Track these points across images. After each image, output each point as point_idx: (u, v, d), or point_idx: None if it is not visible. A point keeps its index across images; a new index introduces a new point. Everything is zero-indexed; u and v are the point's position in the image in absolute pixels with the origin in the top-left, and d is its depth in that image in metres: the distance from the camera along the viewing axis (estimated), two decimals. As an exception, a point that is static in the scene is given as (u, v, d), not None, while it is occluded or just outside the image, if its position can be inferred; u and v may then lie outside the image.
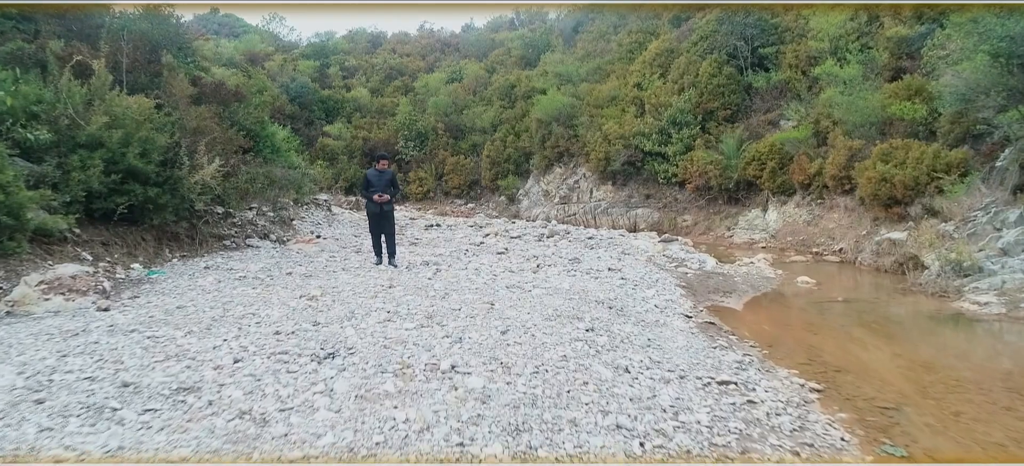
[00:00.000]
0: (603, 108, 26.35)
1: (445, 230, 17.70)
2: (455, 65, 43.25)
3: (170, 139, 9.97)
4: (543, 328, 6.40)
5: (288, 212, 14.77)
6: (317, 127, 39.18)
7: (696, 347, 6.75)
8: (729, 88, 22.79)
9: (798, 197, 18.80)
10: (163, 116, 10.34)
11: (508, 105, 33.59)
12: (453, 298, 7.71)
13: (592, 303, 7.96)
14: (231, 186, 11.92)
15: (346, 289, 8.12)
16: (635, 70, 27.08)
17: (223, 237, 11.73)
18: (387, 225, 10.30)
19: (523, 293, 8.31)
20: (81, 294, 7.35)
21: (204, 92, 12.32)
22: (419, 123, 35.61)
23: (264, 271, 9.46)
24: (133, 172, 9.43)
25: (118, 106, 9.42)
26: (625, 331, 6.76)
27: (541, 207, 27.99)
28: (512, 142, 30.70)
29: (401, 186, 11.33)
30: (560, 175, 27.89)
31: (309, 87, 41.17)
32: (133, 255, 9.62)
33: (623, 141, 24.01)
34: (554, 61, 33.08)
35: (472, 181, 32.86)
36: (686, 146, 22.55)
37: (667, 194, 23.56)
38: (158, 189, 9.74)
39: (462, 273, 9.86)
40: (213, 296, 7.53)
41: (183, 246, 10.68)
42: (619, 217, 24.42)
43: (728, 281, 12.01)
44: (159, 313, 6.49)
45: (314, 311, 6.79)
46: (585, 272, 10.75)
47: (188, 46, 13.76)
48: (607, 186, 25.42)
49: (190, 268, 9.62)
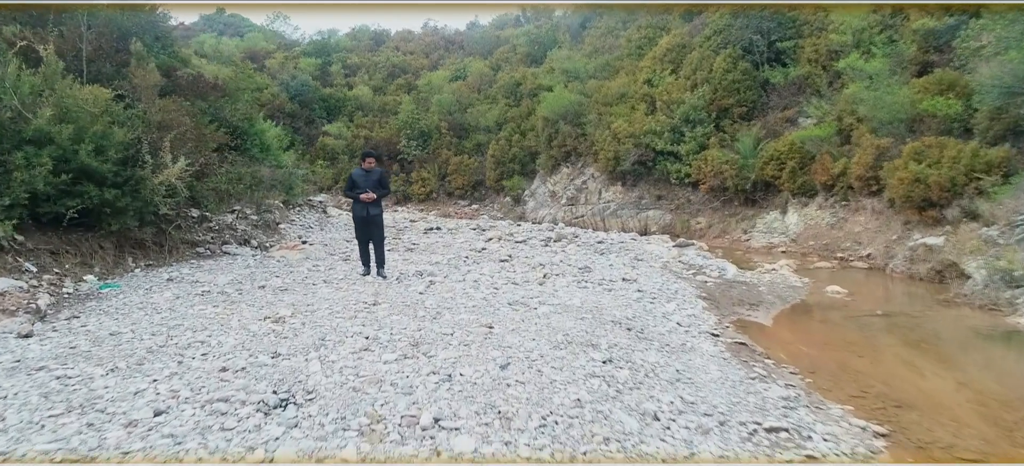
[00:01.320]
0: (612, 106, 25.25)
1: (445, 234, 16.60)
2: (459, 63, 42.30)
3: (130, 135, 8.89)
4: (551, 360, 5.31)
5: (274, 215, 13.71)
6: (318, 126, 38.33)
7: (732, 378, 5.66)
8: (745, 84, 21.64)
9: (820, 199, 17.65)
10: (123, 109, 9.27)
11: (513, 103, 32.55)
12: (446, 319, 6.62)
13: (608, 323, 6.85)
14: (206, 187, 10.86)
15: (322, 307, 7.03)
16: (645, 66, 25.97)
17: (197, 243, 10.66)
18: (375, 231, 9.19)
19: (528, 311, 7.21)
20: (8, 314, 6.29)
21: (179, 84, 11.25)
22: (422, 122, 34.60)
23: (234, 284, 8.38)
24: (87, 172, 8.36)
25: (70, 97, 8.35)
26: (649, 361, 5.66)
27: (548, 209, 26.90)
28: (517, 141, 29.65)
29: (391, 186, 10.14)
30: (567, 175, 26.79)
31: (310, 85, 40.32)
32: (88, 265, 8.56)
33: (633, 140, 22.90)
34: (561, 58, 31.99)
35: (476, 181, 31.79)
36: (700, 145, 21.41)
37: (680, 195, 22.43)
38: (116, 191, 8.66)
39: (459, 286, 8.75)
40: (163, 317, 6.45)
41: (149, 254, 9.61)
42: (629, 219, 23.29)
43: (752, 291, 10.90)
44: (85, 342, 5.41)
45: (277, 337, 5.70)
46: (597, 283, 9.64)
47: (166, 36, 12.68)
48: (616, 187, 24.30)
49: (151, 280, 8.55)
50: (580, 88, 27.57)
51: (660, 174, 22.73)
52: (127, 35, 10.83)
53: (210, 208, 11.25)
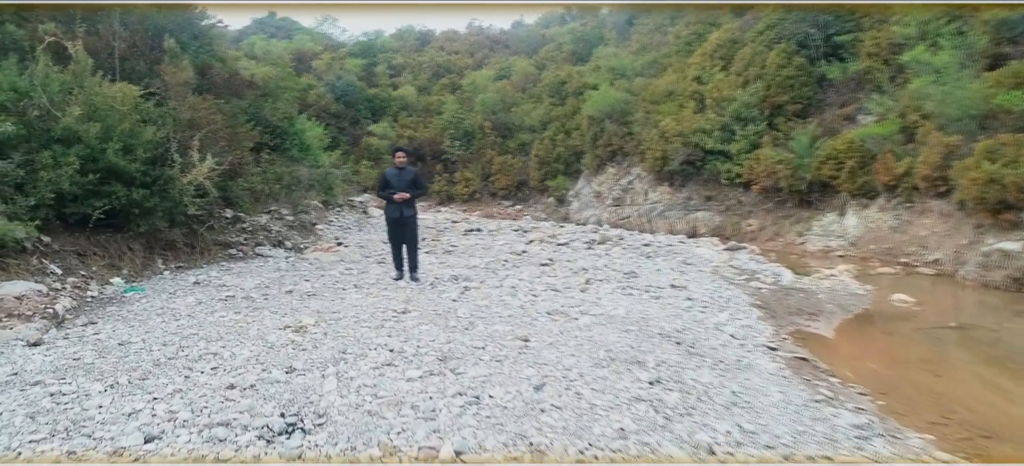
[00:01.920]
0: (660, 104, 24.46)
1: (485, 236, 16.13)
2: (504, 62, 41.89)
3: (159, 133, 8.64)
4: (592, 380, 4.78)
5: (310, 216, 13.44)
6: (363, 126, 38.33)
7: (795, 402, 5.05)
8: (800, 80, 20.65)
9: (882, 200, 16.65)
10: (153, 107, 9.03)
11: (558, 102, 31.95)
12: (478, 330, 6.14)
13: (655, 337, 6.28)
14: (241, 187, 10.60)
15: (348, 315, 6.62)
16: (694, 63, 25.10)
17: (229, 245, 10.41)
18: (408, 233, 8.76)
19: (568, 322, 6.67)
20: (23, 320, 6.02)
21: (214, 83, 11.02)
22: (466, 121, 34.26)
23: (260, 288, 8.04)
24: (114, 171, 8.13)
25: (98, 95, 8.12)
26: (701, 381, 5.07)
27: (592, 209, 26.25)
28: (562, 141, 29.04)
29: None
30: (613, 175, 26.09)
31: (355, 85, 40.40)
32: (116, 267, 8.33)
33: (681, 139, 22.10)
34: (607, 55, 31.26)
35: (520, 182, 31.30)
36: (752, 144, 20.51)
37: (730, 196, 21.56)
38: (144, 191, 8.41)
39: (495, 292, 8.25)
40: (180, 325, 6.11)
41: (180, 255, 9.37)
42: (677, 221, 22.53)
43: (810, 299, 10.17)
44: (91, 353, 5.08)
45: (295, 349, 5.29)
46: (644, 290, 9.05)
47: (204, 34, 12.50)
48: (664, 187, 23.52)
49: (178, 283, 8.27)
50: (626, 86, 26.82)
51: (710, 174, 21.89)
52: (162, 33, 10.64)
53: (244, 208, 11.00)
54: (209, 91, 11.05)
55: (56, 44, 8.69)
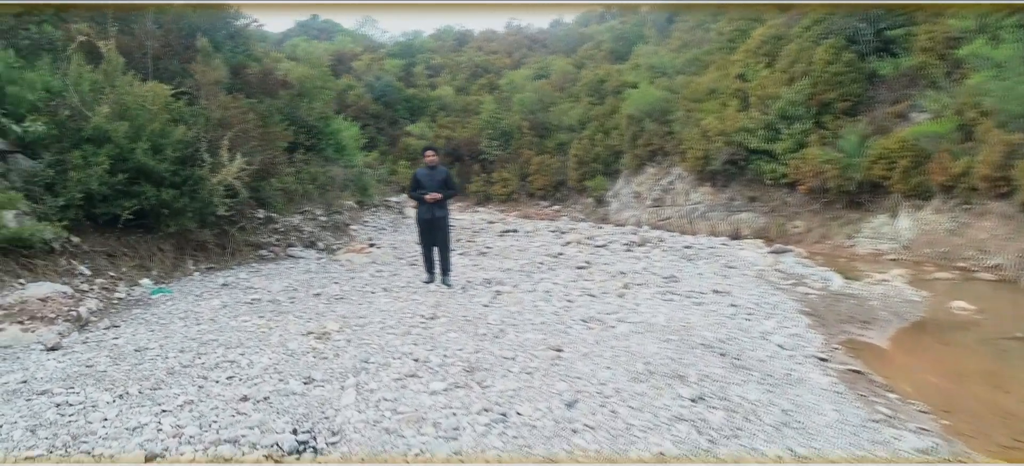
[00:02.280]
0: (701, 102, 23.83)
1: (521, 237, 15.81)
2: (542, 61, 41.55)
3: (188, 132, 8.52)
4: (629, 397, 4.43)
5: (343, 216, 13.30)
6: (401, 126, 38.39)
7: (851, 421, 4.63)
8: (849, 76, 19.85)
9: (937, 201, 15.88)
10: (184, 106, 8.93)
11: (597, 101, 31.48)
12: (508, 338, 5.82)
13: (697, 348, 5.89)
14: (273, 187, 10.48)
15: (375, 321, 6.36)
16: (737, 59, 24.40)
17: (261, 245, 10.27)
18: (440, 234, 8.49)
19: (604, 330, 6.32)
20: (46, 322, 5.90)
21: (248, 82, 10.92)
22: (503, 121, 34.01)
23: (288, 291, 7.85)
24: (144, 171, 8.03)
25: (128, 94, 8.03)
26: (748, 398, 4.68)
27: (631, 210, 25.75)
28: (601, 140, 28.57)
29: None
30: (653, 175, 25.55)
31: (394, 86, 40.53)
32: (145, 268, 8.23)
33: (724, 138, 21.48)
34: (647, 53, 30.69)
35: (558, 182, 30.90)
36: (798, 143, 19.80)
37: (775, 197, 20.88)
38: (174, 191, 8.30)
39: (529, 297, 7.92)
40: (201, 329, 5.93)
41: (211, 256, 9.25)
42: (719, 222, 21.92)
43: (863, 305, 9.63)
44: (106, 359, 4.90)
45: (316, 357, 5.04)
46: (685, 295, 8.63)
47: (239, 34, 12.44)
48: (706, 187, 22.92)
49: (206, 285, 8.13)
50: (667, 84, 26.25)
51: (753, 174, 21.23)
52: (195, 32, 10.58)
53: (277, 209, 10.88)
54: (242, 90, 10.97)
55: (89, 44, 8.64)
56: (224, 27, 11.75)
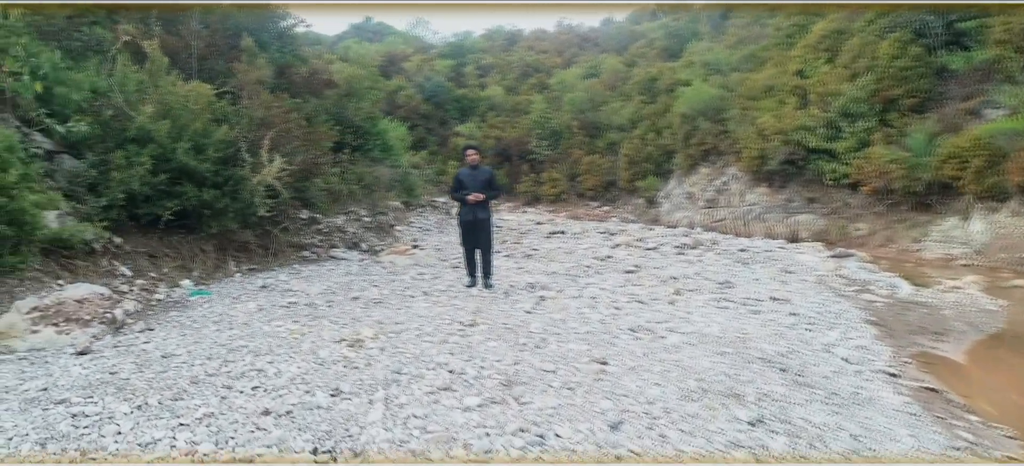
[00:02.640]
0: (757, 100, 23.02)
1: (569, 239, 15.42)
2: (593, 60, 41.01)
3: (230, 132, 8.43)
4: (680, 418, 4.04)
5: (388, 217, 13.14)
6: (451, 126, 38.37)
7: (930, 448, 4.15)
8: (916, 71, 18.84)
9: (1015, 203, 14.88)
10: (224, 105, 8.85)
11: (649, 100, 30.83)
12: (550, 349, 5.48)
13: (755, 362, 5.44)
14: (318, 187, 10.36)
15: (411, 327, 6.10)
16: (796, 55, 23.49)
17: (303, 246, 10.16)
18: (482, 237, 8.21)
19: (653, 341, 5.92)
20: (82, 324, 5.81)
21: (293, 82, 10.84)
22: (553, 121, 33.63)
23: (326, 294, 7.67)
24: (186, 171, 7.96)
25: (171, 94, 7.97)
26: (813, 421, 4.24)
27: (684, 211, 25.07)
28: (652, 139, 27.92)
29: (501, 186, 9.11)
30: (706, 175, 24.82)
31: (444, 86, 40.59)
32: (187, 269, 8.16)
33: (782, 136, 20.66)
34: (701, 50, 29.92)
35: (608, 182, 30.35)
36: (860, 141, 18.89)
37: (835, 198, 19.97)
38: (215, 191, 8.22)
39: (574, 303, 7.56)
40: (232, 334, 5.76)
41: (253, 257, 9.16)
42: (776, 224, 21.11)
43: (934, 315, 8.97)
44: (131, 366, 4.75)
45: (347, 367, 4.80)
46: (741, 303, 8.14)
47: (286, 34, 12.39)
48: (762, 188, 22.13)
49: (245, 287, 8.01)
50: (721, 82, 25.48)
51: (813, 174, 20.36)
52: (241, 32, 10.53)
53: (322, 209, 10.76)
54: (287, 90, 10.88)
55: (134, 44, 8.63)
56: (270, 27, 11.69)
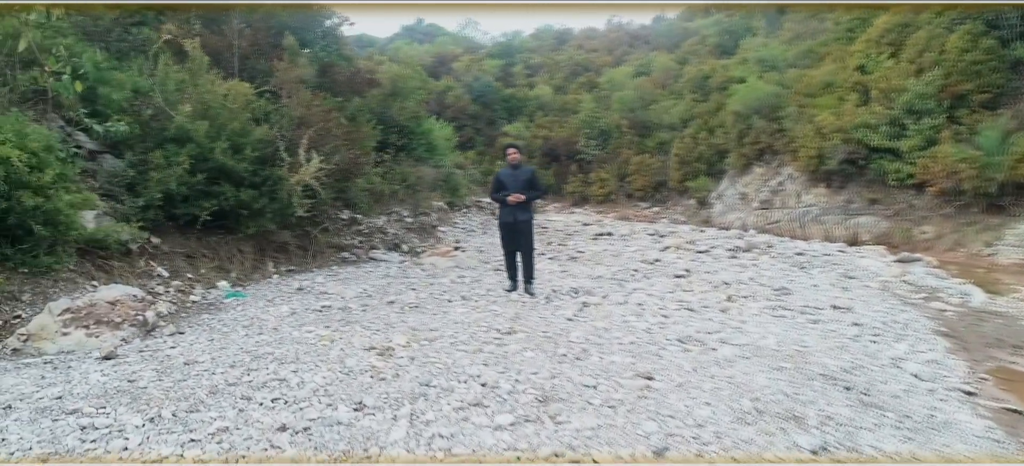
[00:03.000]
0: (815, 97, 22.14)
1: (616, 241, 14.97)
2: (643, 58, 40.31)
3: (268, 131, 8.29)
4: (733, 443, 3.64)
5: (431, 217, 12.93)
6: (498, 126, 38.20)
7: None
8: (989, 65, 17.77)
9: (1097, 205, 13.90)
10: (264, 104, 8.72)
11: (701, 98, 30.09)
12: (592, 361, 5.12)
13: (816, 379, 4.98)
14: (360, 187, 10.20)
15: (446, 334, 5.82)
16: (857, 50, 22.50)
17: (343, 247, 9.99)
18: (523, 239, 7.88)
19: (703, 354, 5.49)
20: (112, 327, 5.69)
21: (335, 81, 10.70)
22: (602, 120, 33.11)
23: (362, 297, 7.45)
24: (224, 171, 7.85)
25: (210, 93, 7.87)
26: (883, 449, 3.79)
27: (737, 212, 24.31)
28: (704, 139, 27.21)
29: (545, 186, 8.75)
30: (760, 176, 24.03)
31: (492, 86, 40.46)
32: (225, 270, 8.05)
33: (841, 135, 19.79)
34: (755, 46, 29.03)
35: (658, 182, 29.70)
36: (927, 140, 17.92)
37: (899, 199, 19.02)
38: (253, 192, 8.09)
39: (618, 311, 7.16)
40: (260, 340, 5.55)
41: (292, 258, 9.02)
42: (834, 226, 20.24)
43: (1012, 326, 8.28)
44: (150, 373, 4.56)
45: (374, 378, 4.53)
46: (798, 311, 7.63)
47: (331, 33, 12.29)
48: (820, 188, 21.26)
49: (281, 289, 7.86)
50: (777, 78, 24.63)
51: (875, 174, 19.45)
52: (284, 31, 10.44)
53: (363, 210, 10.59)
54: (329, 89, 10.75)
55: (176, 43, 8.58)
56: (315, 26, 11.59)
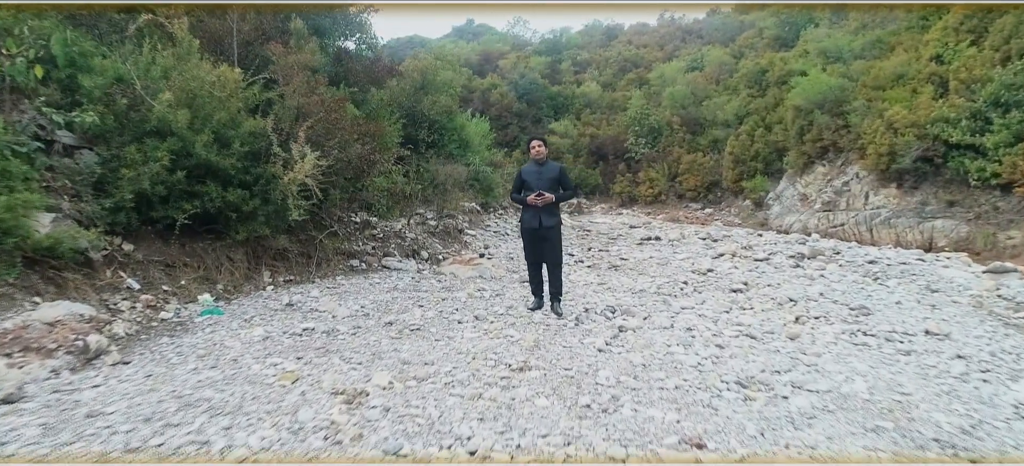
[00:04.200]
0: (885, 89, 20.36)
1: (665, 246, 13.60)
2: (696, 52, 38.58)
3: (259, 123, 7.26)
4: None
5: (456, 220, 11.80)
6: (544, 125, 37.06)
7: None
8: (1087, 51, 15.90)
9: None
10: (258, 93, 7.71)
11: (757, 93, 28.36)
12: (622, 415, 3.88)
13: (930, 446, 3.65)
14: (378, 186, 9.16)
15: (443, 371, 4.65)
16: (933, 39, 20.65)
17: (354, 254, 8.92)
18: (548, 248, 6.64)
19: (771, 404, 4.20)
20: (44, 354, 4.71)
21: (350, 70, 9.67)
22: (652, 117, 31.60)
23: (356, 317, 6.34)
24: (210, 168, 6.85)
25: (195, 79, 6.87)
26: None
27: (796, 214, 22.59)
28: (761, 136, 25.52)
29: (575, 185, 7.41)
30: (823, 175, 22.26)
31: (538, 84, 39.35)
32: (210, 281, 7.06)
33: (915, 130, 18.00)
34: (818, 37, 27.14)
35: (711, 182, 28.08)
36: (1016, 135, 16.04)
37: (981, 200, 17.15)
38: (242, 192, 7.07)
39: (662, 338, 5.87)
40: (208, 377, 4.48)
41: (292, 266, 7.99)
42: (907, 230, 18.44)
43: None
44: (39, 427, 3.53)
45: (328, 440, 3.39)
46: (884, 337, 6.24)
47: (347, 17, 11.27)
48: (890, 189, 19.45)
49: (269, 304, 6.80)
50: (842, 71, 22.83)
51: (953, 173, 17.59)
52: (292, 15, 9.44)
53: (381, 212, 9.53)
54: (344, 80, 9.73)
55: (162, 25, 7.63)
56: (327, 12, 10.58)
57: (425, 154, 13.18)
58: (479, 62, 44.08)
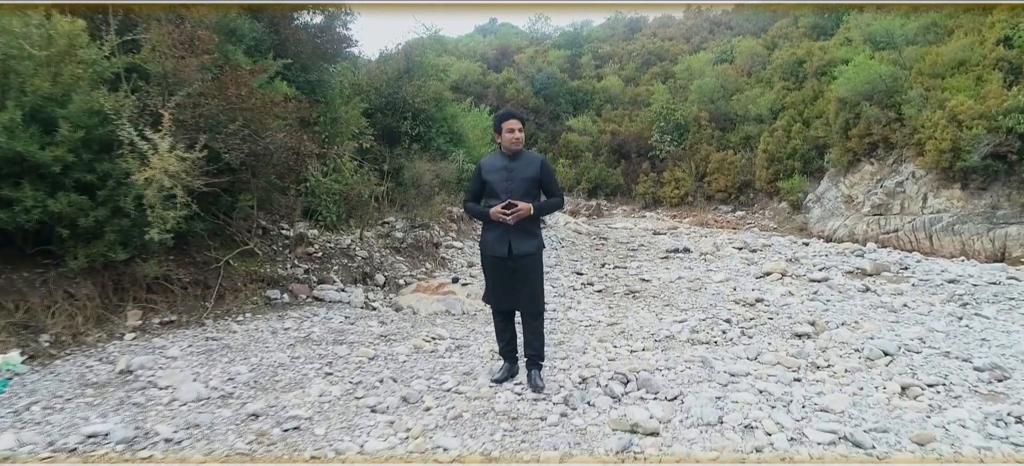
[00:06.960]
0: (945, 77, 17.95)
1: (695, 260, 11.24)
2: (725, 44, 36.13)
3: (106, 98, 5.09)
4: None
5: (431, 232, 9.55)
6: (562, 121, 34.94)
7: None
8: None
9: None
10: (119, 60, 5.53)
11: (794, 85, 25.95)
12: None
13: None
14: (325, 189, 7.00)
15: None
16: (999, 20, 18.21)
17: (275, 281, 6.70)
18: (524, 293, 4.33)
19: None
20: None
21: (288, 40, 7.54)
22: (678, 113, 29.26)
23: (207, 403, 4.09)
24: (22, 164, 4.70)
25: (3, 31, 4.73)
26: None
27: (839, 218, 20.12)
28: (798, 132, 23.13)
29: (561, 189, 4.54)
30: (871, 174, 19.78)
31: (556, 79, 37.20)
32: (34, 328, 4.90)
33: (984, 123, 15.59)
34: (863, 22, 24.60)
35: (742, 183, 25.65)
36: (1110, 126, 13.62)
37: (1066, 204, 14.71)
38: (81, 198, 4.90)
39: (704, 439, 3.61)
40: None
41: (181, 300, 5.82)
42: (974, 238, 15.95)
43: None
44: None
45: None
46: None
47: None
48: (953, 190, 16.94)
49: (92, 370, 4.62)
50: (893, 57, 20.36)
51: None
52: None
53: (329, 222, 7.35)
54: (284, 52, 7.58)
55: None
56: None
57: (409, 149, 11.05)
58: (496, 57, 42.17)
